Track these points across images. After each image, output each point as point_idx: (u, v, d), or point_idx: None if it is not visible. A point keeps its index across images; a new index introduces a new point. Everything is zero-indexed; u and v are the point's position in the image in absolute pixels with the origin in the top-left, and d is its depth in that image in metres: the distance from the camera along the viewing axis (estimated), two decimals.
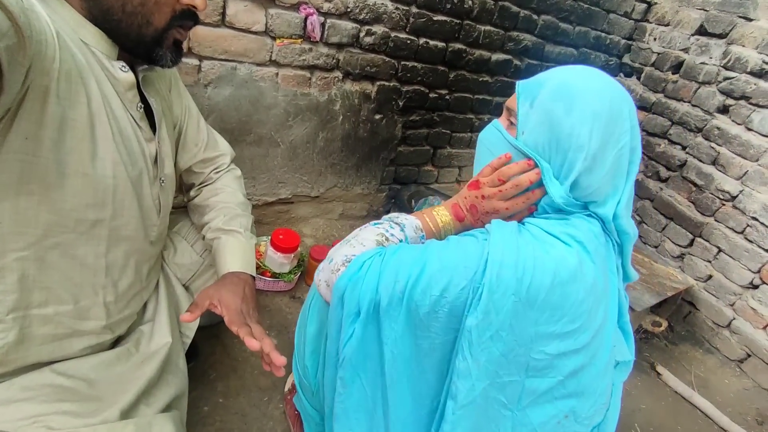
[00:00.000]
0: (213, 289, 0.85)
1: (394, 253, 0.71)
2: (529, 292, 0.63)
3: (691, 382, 1.85)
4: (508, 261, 0.65)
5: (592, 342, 0.67)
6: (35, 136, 0.60)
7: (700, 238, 2.11)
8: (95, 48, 0.68)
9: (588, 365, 0.68)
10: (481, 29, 1.89)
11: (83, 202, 0.68)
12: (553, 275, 0.64)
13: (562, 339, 0.65)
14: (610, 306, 0.72)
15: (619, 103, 0.69)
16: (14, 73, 0.50)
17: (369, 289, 0.69)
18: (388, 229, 0.79)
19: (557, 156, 0.71)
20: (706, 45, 2.09)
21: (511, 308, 0.64)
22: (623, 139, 0.69)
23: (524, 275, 0.64)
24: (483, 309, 0.63)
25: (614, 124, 0.68)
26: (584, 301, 0.65)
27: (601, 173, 0.69)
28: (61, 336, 0.75)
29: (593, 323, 0.67)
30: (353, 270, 0.70)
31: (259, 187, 1.77)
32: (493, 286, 0.63)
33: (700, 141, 2.12)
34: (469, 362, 0.65)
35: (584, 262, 0.67)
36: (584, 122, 0.68)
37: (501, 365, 0.66)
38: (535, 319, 0.64)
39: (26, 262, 0.67)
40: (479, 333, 0.64)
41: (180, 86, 0.95)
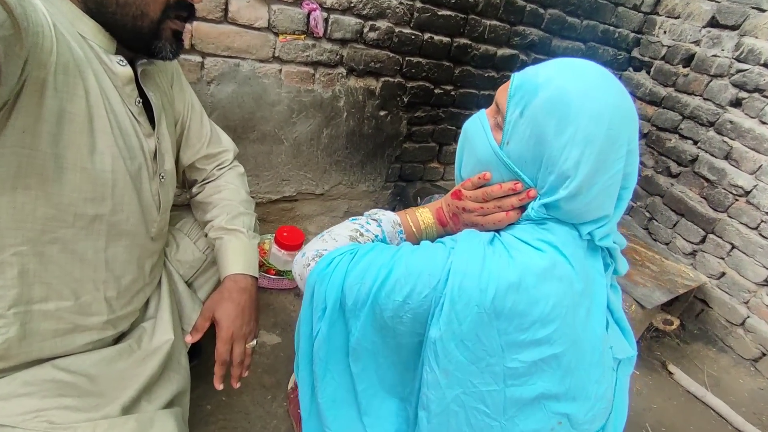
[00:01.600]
0: (213, 302, 0.88)
1: (365, 253, 0.70)
2: (493, 302, 0.61)
3: (704, 381, 1.81)
4: (472, 271, 0.63)
5: (573, 346, 0.65)
6: (33, 129, 0.59)
7: (713, 234, 2.07)
8: (93, 41, 0.68)
9: (574, 369, 0.66)
10: (487, 24, 1.87)
11: (82, 197, 0.68)
12: (518, 282, 0.61)
13: (535, 345, 0.63)
14: (594, 306, 0.68)
15: (618, 127, 0.61)
16: (11, 65, 0.50)
17: (335, 286, 0.69)
18: (363, 224, 0.79)
19: (541, 175, 0.65)
20: (718, 37, 2.05)
21: (475, 319, 0.62)
22: (616, 166, 0.62)
23: (488, 286, 0.61)
24: (445, 320, 0.63)
25: (609, 151, 0.61)
26: (557, 305, 0.62)
27: (586, 200, 0.63)
28: (63, 331, 0.75)
29: (572, 326, 0.64)
30: (322, 266, 0.70)
31: (263, 185, 1.76)
32: (455, 297, 0.62)
33: (712, 135, 2.08)
34: (436, 373, 0.65)
35: (558, 265, 0.63)
36: (575, 146, 0.61)
37: (473, 374, 0.64)
38: (504, 329, 0.62)
39: (26, 257, 0.66)
40: (443, 344, 0.64)
41: (182, 81, 0.95)
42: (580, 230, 0.67)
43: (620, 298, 0.79)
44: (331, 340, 0.71)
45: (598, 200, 0.64)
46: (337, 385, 0.74)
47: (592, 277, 0.68)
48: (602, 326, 0.70)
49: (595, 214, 0.66)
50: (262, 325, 1.45)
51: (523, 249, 0.65)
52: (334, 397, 0.75)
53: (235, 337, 0.86)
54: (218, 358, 0.85)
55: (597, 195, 0.63)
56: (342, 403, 0.75)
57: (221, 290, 0.88)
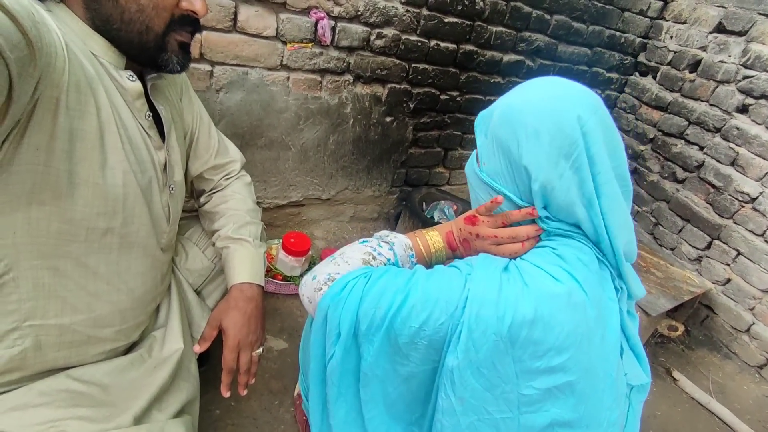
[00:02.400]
0: (219, 312, 0.89)
1: (379, 277, 0.70)
2: (510, 330, 0.62)
3: (709, 388, 1.81)
4: (489, 299, 0.63)
5: (587, 374, 0.65)
6: (46, 147, 0.61)
7: (719, 240, 2.07)
8: (103, 58, 0.69)
9: (588, 396, 0.66)
10: (493, 30, 1.87)
11: (94, 211, 0.69)
12: (535, 311, 0.62)
13: (549, 373, 0.63)
14: (608, 333, 0.68)
15: (562, 114, 0.64)
16: (24, 84, 0.51)
17: (349, 311, 0.68)
18: (375, 247, 0.78)
19: (520, 185, 0.69)
20: (725, 43, 2.04)
21: (491, 347, 0.62)
22: (575, 150, 0.63)
23: (505, 314, 0.62)
24: (463, 348, 0.63)
25: (560, 138, 0.63)
26: (572, 333, 0.62)
27: (563, 189, 0.65)
28: (77, 343, 0.76)
29: (587, 353, 0.64)
30: (336, 290, 0.70)
31: (271, 191, 1.78)
32: (473, 325, 0.62)
33: (718, 141, 2.07)
34: (452, 400, 0.65)
35: (573, 293, 0.64)
36: (527, 143, 0.65)
37: (487, 401, 0.65)
38: (519, 357, 0.63)
39: (40, 271, 0.68)
40: (460, 372, 0.64)
41: (191, 93, 0.96)
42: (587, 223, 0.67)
43: (637, 326, 0.78)
44: (345, 364, 0.71)
45: (576, 187, 0.65)
46: (348, 408, 0.74)
47: (605, 304, 0.68)
48: (616, 352, 0.69)
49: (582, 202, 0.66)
50: (269, 331, 1.47)
51: (539, 276, 0.65)
52: (346, 420, 0.75)
53: (242, 345, 0.87)
54: (225, 366, 0.86)
55: (570, 183, 0.64)
56: (353, 425, 0.75)
57: (228, 299, 0.89)
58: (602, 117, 0.65)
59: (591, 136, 0.63)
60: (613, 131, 0.67)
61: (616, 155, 0.67)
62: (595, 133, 0.63)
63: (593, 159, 0.64)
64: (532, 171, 0.66)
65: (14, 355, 0.70)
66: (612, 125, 0.67)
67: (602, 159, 0.64)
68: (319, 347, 0.74)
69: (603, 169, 0.64)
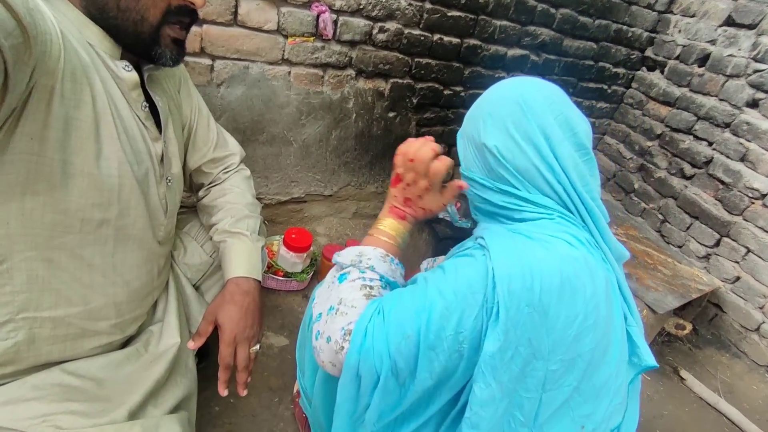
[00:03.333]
0: (215, 306, 0.87)
1: (392, 306, 0.67)
2: (541, 299, 0.61)
3: (717, 387, 1.78)
4: (515, 272, 0.62)
5: (604, 338, 0.65)
6: (40, 136, 0.60)
7: (728, 237, 2.03)
8: (99, 48, 0.68)
9: (601, 363, 0.66)
10: (497, 24, 1.85)
11: (89, 202, 0.68)
12: (560, 273, 0.62)
13: (578, 339, 0.63)
14: (613, 297, 0.70)
15: (509, 93, 0.73)
16: (19, 72, 0.50)
17: (381, 355, 0.64)
18: (363, 278, 0.74)
19: (483, 162, 0.75)
20: (735, 36, 2.01)
21: (527, 320, 0.61)
22: (524, 121, 0.71)
23: (533, 283, 0.61)
24: (503, 329, 0.61)
25: (510, 113, 0.71)
26: (594, 295, 0.63)
27: (521, 153, 0.70)
28: (72, 336, 0.75)
29: (604, 317, 0.65)
30: (358, 341, 0.66)
31: (272, 187, 1.77)
32: (508, 303, 0.61)
33: (727, 137, 2.03)
34: (493, 387, 0.63)
35: (587, 257, 0.66)
36: (485, 125, 0.74)
37: (520, 381, 0.64)
38: (552, 326, 0.62)
39: (34, 263, 0.67)
40: (501, 355, 0.62)
41: (190, 86, 0.95)
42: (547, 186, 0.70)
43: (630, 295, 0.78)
44: (385, 404, 0.67)
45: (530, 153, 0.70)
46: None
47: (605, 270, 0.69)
48: (620, 317, 0.70)
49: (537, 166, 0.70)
50: (269, 327, 1.45)
51: (554, 241, 0.66)
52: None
53: (239, 340, 0.85)
54: (221, 362, 0.84)
55: (527, 146, 0.70)
56: None
57: (223, 293, 0.87)
58: (548, 94, 0.73)
59: (535, 109, 0.70)
60: (562, 105, 0.73)
61: (569, 126, 0.71)
62: (537, 105, 0.70)
63: (542, 127, 0.70)
64: (491, 145, 0.72)
65: (7, 348, 0.69)
66: (559, 100, 0.73)
67: (551, 127, 0.70)
68: (350, 402, 0.69)
69: (554, 134, 0.70)
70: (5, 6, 0.45)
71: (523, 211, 0.72)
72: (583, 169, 0.71)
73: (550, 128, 0.70)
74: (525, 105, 0.70)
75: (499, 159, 0.72)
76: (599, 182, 0.75)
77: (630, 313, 0.73)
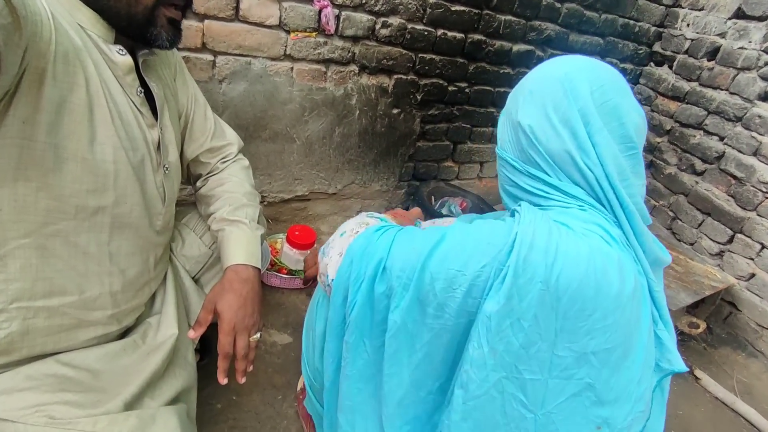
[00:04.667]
0: (214, 294, 0.84)
1: (407, 230, 0.69)
2: (559, 281, 0.58)
3: (733, 387, 1.73)
4: (539, 244, 0.59)
5: (625, 341, 0.61)
6: (32, 119, 0.59)
7: (741, 234, 1.98)
8: (91, 31, 0.67)
9: (621, 367, 0.62)
10: (502, 19, 1.83)
11: (83, 188, 0.67)
12: (587, 264, 0.58)
13: (592, 336, 0.59)
14: (643, 301, 0.66)
15: (552, 72, 0.70)
16: (10, 54, 0.50)
17: (381, 248, 0.67)
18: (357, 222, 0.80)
19: (516, 141, 0.72)
20: (745, 29, 1.97)
21: (536, 296, 0.58)
22: (563, 103, 0.67)
23: (555, 262, 0.58)
24: (506, 293, 0.59)
25: (550, 93, 0.68)
26: (619, 296, 0.59)
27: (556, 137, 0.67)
28: (66, 327, 0.74)
29: (628, 320, 0.61)
30: (369, 232, 0.69)
31: (275, 184, 1.75)
32: (519, 270, 0.58)
33: (739, 131, 1.99)
34: (484, 350, 0.61)
35: (622, 257, 0.62)
36: (524, 102, 0.71)
37: (520, 358, 0.61)
38: (564, 313, 0.59)
39: (28, 251, 0.66)
40: (499, 320, 0.59)
41: (185, 74, 0.94)
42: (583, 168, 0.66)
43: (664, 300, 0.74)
44: (371, 308, 0.69)
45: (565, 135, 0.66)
46: (368, 360, 0.71)
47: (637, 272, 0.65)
48: (649, 321, 0.66)
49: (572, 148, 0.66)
50: (273, 325, 1.44)
51: (590, 234, 0.63)
52: (362, 372, 0.72)
53: (238, 328, 0.83)
54: (221, 351, 0.82)
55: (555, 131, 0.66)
56: (370, 379, 0.72)
57: (222, 282, 0.86)
58: (598, 76, 0.67)
59: (579, 91, 0.66)
60: (612, 92, 0.67)
61: (615, 115, 0.66)
62: (581, 87, 0.66)
63: (583, 111, 0.65)
64: (526, 125, 0.69)
65: (0, 339, 0.67)
66: (611, 86, 0.67)
67: (593, 113, 0.65)
68: (340, 295, 0.71)
69: (594, 121, 0.65)
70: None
71: (551, 199, 0.69)
72: (623, 163, 0.66)
73: (591, 114, 0.65)
74: (569, 85, 0.66)
75: (531, 140, 0.68)
76: (644, 182, 0.70)
77: (660, 318, 0.69)
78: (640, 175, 0.69)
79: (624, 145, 0.66)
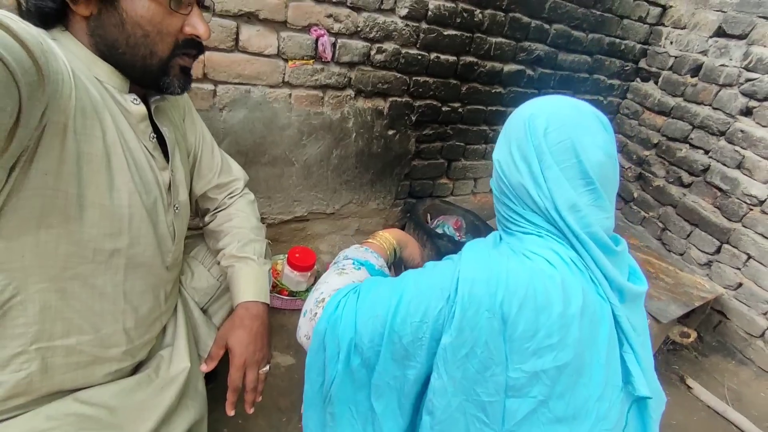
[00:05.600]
0: (225, 331, 0.90)
1: (369, 288, 0.72)
2: (502, 307, 0.62)
3: (724, 395, 1.78)
4: (480, 277, 0.65)
5: (576, 359, 0.64)
6: (55, 171, 0.62)
7: (728, 244, 2.04)
8: (107, 83, 0.71)
9: (576, 384, 0.65)
10: (492, 41, 1.89)
11: (101, 233, 0.70)
12: (527, 287, 0.63)
13: (539, 355, 0.63)
14: (600, 325, 0.68)
15: (520, 113, 0.76)
16: (33, 108, 0.52)
17: (348, 327, 0.69)
18: (337, 264, 0.83)
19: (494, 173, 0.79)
20: (726, 47, 2.04)
21: (485, 324, 0.63)
22: (523, 141, 0.73)
23: (497, 290, 0.63)
24: (457, 327, 0.63)
25: (514, 130, 0.74)
26: (564, 315, 0.63)
27: (516, 172, 0.73)
28: (83, 364, 0.77)
29: (577, 339, 0.64)
30: (330, 311, 0.71)
31: (275, 206, 1.79)
32: (466, 304, 0.63)
33: (723, 145, 2.06)
34: (444, 380, 0.65)
35: (566, 279, 0.66)
36: (499, 138, 0.78)
37: (477, 382, 0.65)
38: (510, 335, 0.63)
39: (48, 294, 0.68)
40: (453, 351, 0.64)
41: (193, 114, 0.97)
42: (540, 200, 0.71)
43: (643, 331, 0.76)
44: (352, 378, 0.71)
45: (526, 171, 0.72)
46: (355, 424, 0.74)
47: (595, 297, 0.68)
48: (606, 341, 0.68)
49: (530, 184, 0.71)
50: (275, 347, 1.46)
51: (533, 257, 0.67)
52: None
53: (248, 363, 0.87)
54: (231, 385, 0.86)
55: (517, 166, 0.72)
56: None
57: (233, 318, 0.89)
58: (560, 116, 0.72)
59: (536, 130, 0.71)
60: (573, 130, 0.71)
61: (572, 153, 0.70)
62: (539, 126, 0.71)
63: (539, 149, 0.71)
64: (495, 159, 0.77)
65: (20, 380, 0.70)
66: (573, 125, 0.71)
67: (544, 152, 0.71)
68: (317, 373, 0.74)
69: (545, 158, 0.70)
70: (23, 47, 0.48)
71: (519, 225, 0.75)
72: (574, 197, 0.69)
73: (543, 151, 0.71)
74: (529, 124, 0.72)
75: (499, 172, 0.76)
76: (608, 214, 0.72)
77: (627, 340, 0.70)
78: (602, 208, 0.71)
79: (582, 180, 0.70)
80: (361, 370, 0.71)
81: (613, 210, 0.74)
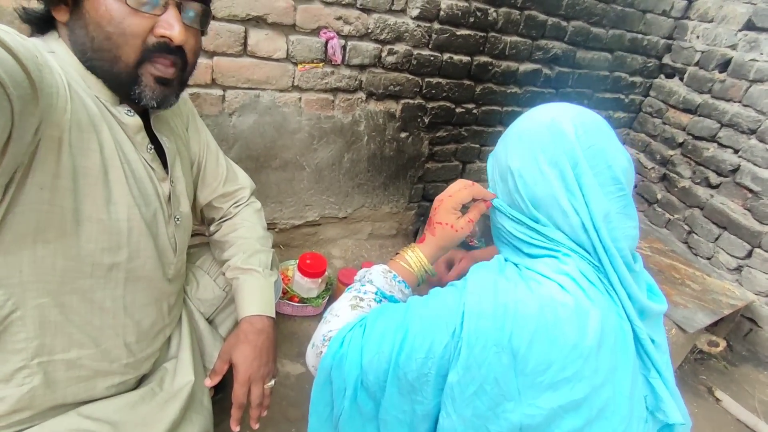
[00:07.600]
0: (229, 346, 0.88)
1: (375, 320, 0.68)
2: (512, 341, 0.58)
3: (755, 408, 1.69)
4: (486, 310, 0.60)
5: (595, 391, 0.60)
6: (51, 186, 0.61)
7: (760, 248, 1.94)
8: (98, 95, 0.69)
9: (599, 417, 0.60)
10: (507, 40, 1.83)
11: (99, 247, 0.69)
12: (537, 319, 0.59)
13: (554, 389, 0.59)
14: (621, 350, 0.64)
15: (539, 117, 0.71)
16: (25, 122, 0.51)
17: (353, 365, 0.66)
18: (358, 288, 0.77)
19: (506, 187, 0.73)
20: (756, 40, 1.94)
21: (494, 360, 0.59)
22: (551, 147, 0.67)
23: (505, 323, 0.59)
24: (463, 364, 0.60)
25: (537, 137, 0.69)
26: (578, 346, 0.58)
27: (545, 182, 0.67)
28: (85, 378, 0.76)
29: (595, 370, 0.60)
30: (335, 348, 0.68)
31: (286, 211, 1.77)
32: (472, 340, 0.59)
33: (754, 143, 1.96)
34: (453, 419, 0.61)
35: (581, 304, 0.61)
36: (512, 146, 0.72)
37: (489, 419, 0.61)
38: (521, 369, 0.59)
39: (46, 309, 0.68)
40: (461, 389, 0.60)
41: (197, 122, 0.96)
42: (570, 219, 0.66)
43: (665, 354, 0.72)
44: (360, 412, 0.68)
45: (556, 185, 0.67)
46: None
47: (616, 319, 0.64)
48: (630, 370, 0.64)
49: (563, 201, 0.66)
50: (285, 355, 1.44)
51: (544, 282, 0.63)
52: None
53: (253, 379, 0.85)
54: (235, 401, 0.84)
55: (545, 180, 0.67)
56: None
57: (237, 333, 0.88)
58: (582, 122, 0.68)
59: (565, 134, 0.67)
60: (597, 136, 0.68)
61: (602, 158, 0.67)
62: (567, 131, 0.67)
63: (570, 154, 0.66)
64: (515, 168, 0.70)
65: (23, 394, 0.69)
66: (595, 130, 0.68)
67: (579, 157, 0.66)
68: (324, 405, 0.71)
69: (581, 163, 0.66)
70: (16, 59, 0.47)
71: (532, 245, 0.70)
72: (608, 206, 0.66)
73: (577, 156, 0.66)
74: (556, 129, 0.68)
75: (518, 183, 0.70)
76: (635, 223, 0.69)
77: (653, 365, 0.67)
78: (630, 217, 0.69)
79: (613, 186, 0.67)
80: (369, 403, 0.68)
81: (637, 218, 0.70)
